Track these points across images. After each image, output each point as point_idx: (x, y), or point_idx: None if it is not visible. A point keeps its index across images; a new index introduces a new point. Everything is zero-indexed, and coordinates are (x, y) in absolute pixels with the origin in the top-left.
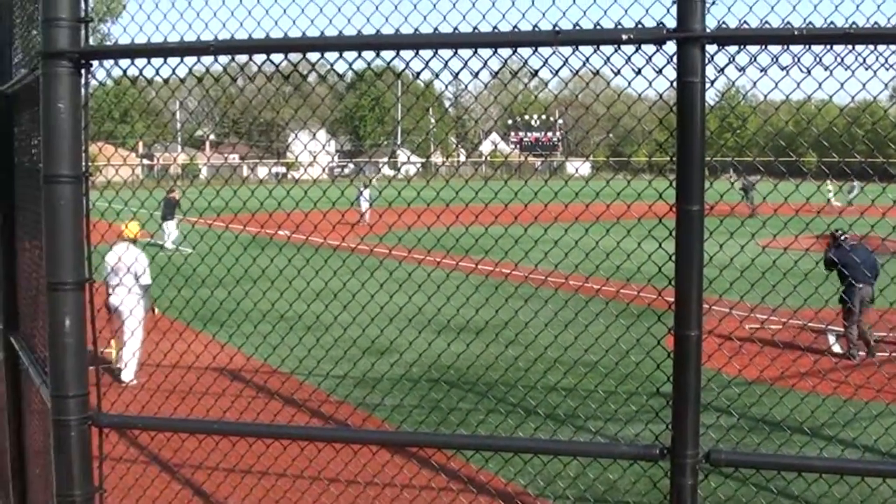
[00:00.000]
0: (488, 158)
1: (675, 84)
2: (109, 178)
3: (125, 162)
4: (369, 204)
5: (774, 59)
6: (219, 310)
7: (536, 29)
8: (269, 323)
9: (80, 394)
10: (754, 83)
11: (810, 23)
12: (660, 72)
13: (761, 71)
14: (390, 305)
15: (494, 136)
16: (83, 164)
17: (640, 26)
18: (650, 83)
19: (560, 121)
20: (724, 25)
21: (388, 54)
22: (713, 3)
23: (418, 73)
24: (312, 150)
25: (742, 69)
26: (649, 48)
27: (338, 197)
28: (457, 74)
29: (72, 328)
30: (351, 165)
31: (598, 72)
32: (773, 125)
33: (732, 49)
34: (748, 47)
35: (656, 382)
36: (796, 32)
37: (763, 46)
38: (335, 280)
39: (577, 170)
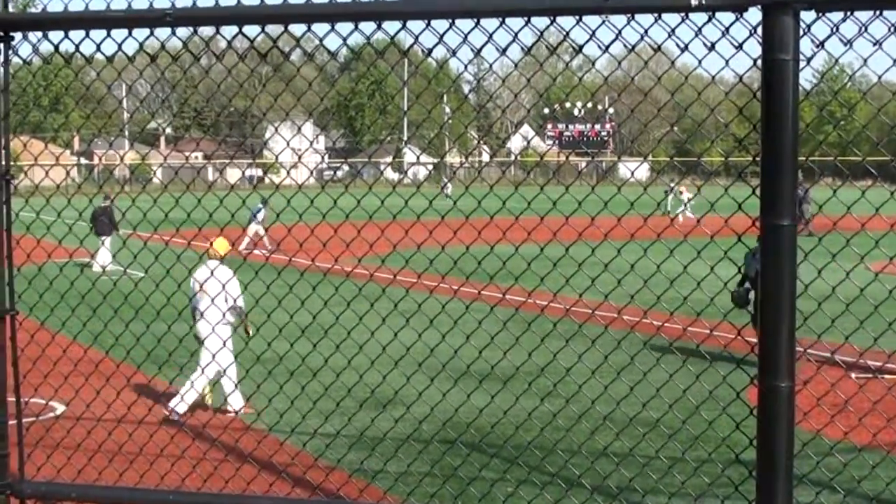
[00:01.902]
0: (519, 158)
1: (759, 63)
2: (37, 182)
3: (57, 161)
4: (263, 227)
5: (893, 29)
6: (177, 349)
7: None
8: (242, 366)
9: None
10: (864, 60)
11: None
12: (740, 47)
13: (875, 45)
14: (395, 345)
15: (527, 130)
16: (3, 162)
17: None
18: (727, 62)
19: (611, 110)
20: None
21: (392, 26)
22: None
23: (430, 50)
24: (297, 148)
25: (848, 42)
26: (726, 17)
27: (328, 209)
28: (479, 51)
29: None
30: (345, 167)
31: (659, 47)
32: (891, 115)
33: (835, 16)
34: (856, 14)
35: (735, 447)
36: None
37: (877, 12)
38: (325, 313)
39: (632, 173)
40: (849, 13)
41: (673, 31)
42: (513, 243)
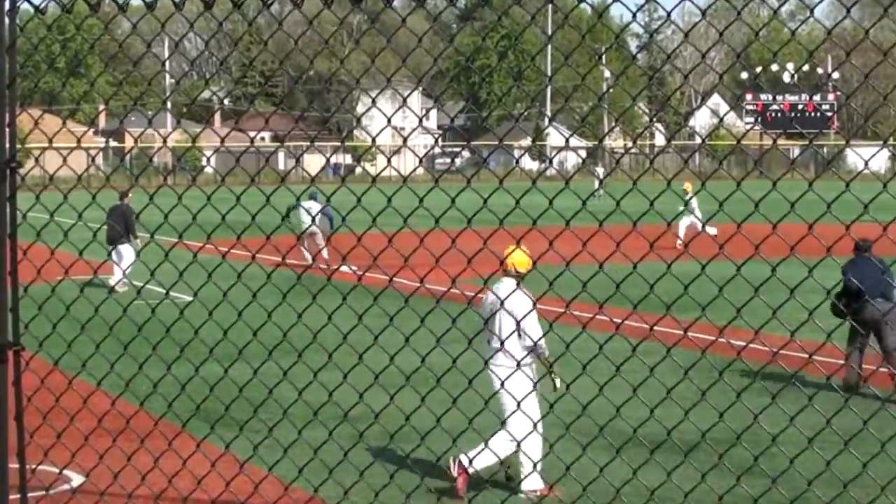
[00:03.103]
0: (707, 142)
1: None
2: (51, 172)
3: (79, 143)
4: (324, 232)
5: None
6: (237, 401)
7: None
8: (323, 425)
9: None
10: None
11: None
12: None
13: None
14: (532, 401)
15: (717, 102)
16: (6, 146)
17: None
18: None
19: (835, 75)
20: None
21: None
22: None
23: None
24: (400, 128)
25: None
26: None
27: (444, 210)
28: None
29: None
30: (465, 154)
31: None
32: None
33: None
34: None
35: None
36: None
37: None
38: (439, 353)
39: (866, 162)
40: None
41: None
42: (697, 259)
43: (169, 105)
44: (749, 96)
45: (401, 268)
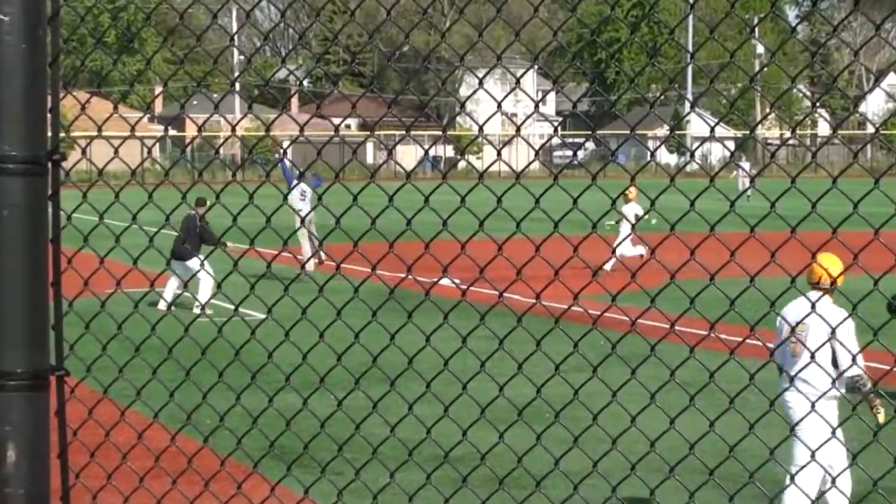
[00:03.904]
0: (881, 130)
1: None
2: (100, 166)
3: (133, 132)
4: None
5: None
6: (317, 437)
7: None
8: (419, 467)
9: None
10: None
11: None
12: None
13: None
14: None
15: (893, 83)
16: (48, 135)
17: None
18: None
19: None
20: None
21: None
22: None
23: None
24: (511, 114)
25: None
26: None
27: (565, 212)
28: None
29: (20, 469)
30: (589, 145)
31: None
32: None
33: None
34: None
35: None
36: None
37: None
38: (557, 383)
39: None
40: None
41: None
42: (870, 273)
43: (238, 87)
44: None
45: (513, 281)
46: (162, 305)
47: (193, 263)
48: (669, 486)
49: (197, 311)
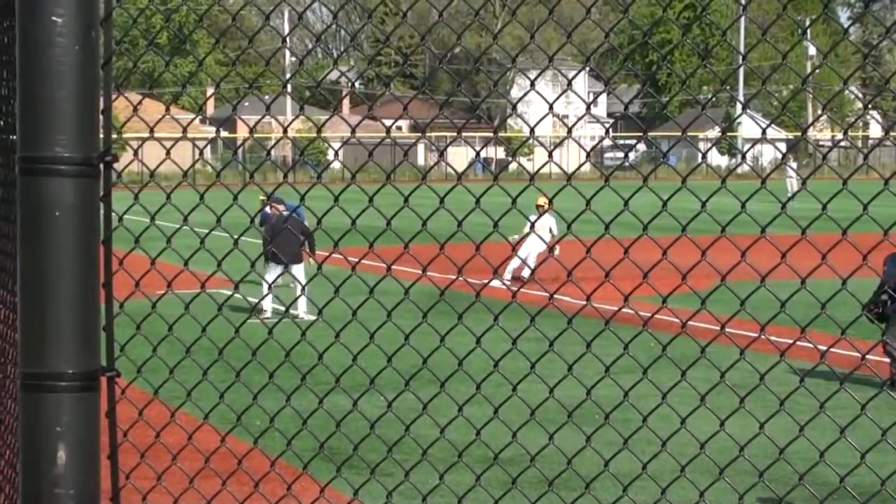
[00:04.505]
0: None
1: None
2: (153, 168)
3: (185, 134)
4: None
5: None
6: (367, 439)
7: None
8: (469, 468)
9: None
10: None
11: None
12: None
13: None
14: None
15: None
16: (100, 137)
17: None
18: None
19: None
20: None
21: None
22: None
23: None
24: (562, 115)
25: None
26: None
27: (616, 213)
28: None
29: (70, 470)
30: (640, 147)
31: None
32: None
33: None
34: None
35: None
36: None
37: None
38: (607, 385)
39: None
40: None
41: None
42: None
43: (289, 88)
44: None
45: (563, 283)
46: (267, 314)
47: (303, 267)
48: (719, 488)
49: (311, 316)
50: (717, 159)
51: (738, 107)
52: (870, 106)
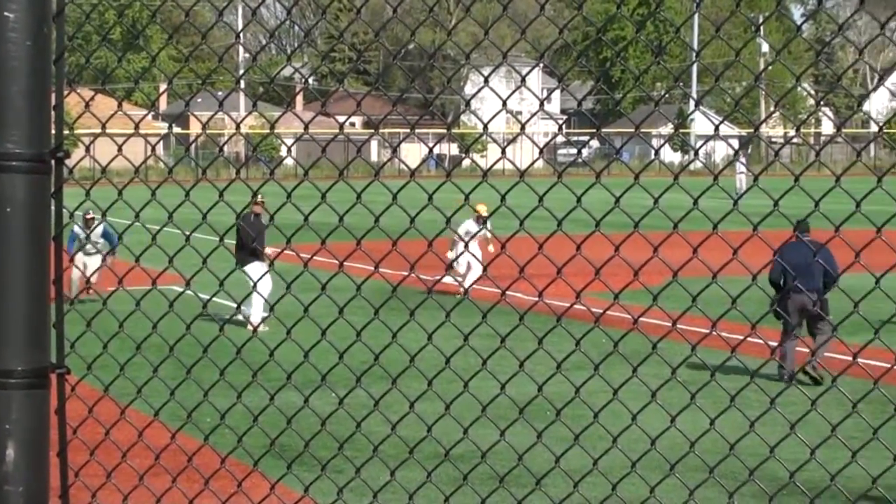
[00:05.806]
0: (885, 129)
1: None
2: (104, 163)
3: (137, 129)
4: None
5: None
6: (318, 436)
7: None
8: (420, 465)
9: None
10: None
11: None
12: None
13: None
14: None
15: None
16: (51, 133)
17: None
18: None
19: None
20: None
21: None
22: None
23: None
24: (515, 111)
25: None
26: None
27: (568, 211)
28: None
29: (19, 467)
30: (594, 143)
31: None
32: None
33: None
34: None
35: None
36: None
37: None
38: (559, 381)
39: None
40: None
41: None
42: (871, 272)
43: (243, 84)
44: None
45: (515, 279)
46: (256, 320)
47: (264, 266)
48: (670, 484)
49: (263, 315)
50: (671, 156)
51: (692, 103)
52: (822, 103)
